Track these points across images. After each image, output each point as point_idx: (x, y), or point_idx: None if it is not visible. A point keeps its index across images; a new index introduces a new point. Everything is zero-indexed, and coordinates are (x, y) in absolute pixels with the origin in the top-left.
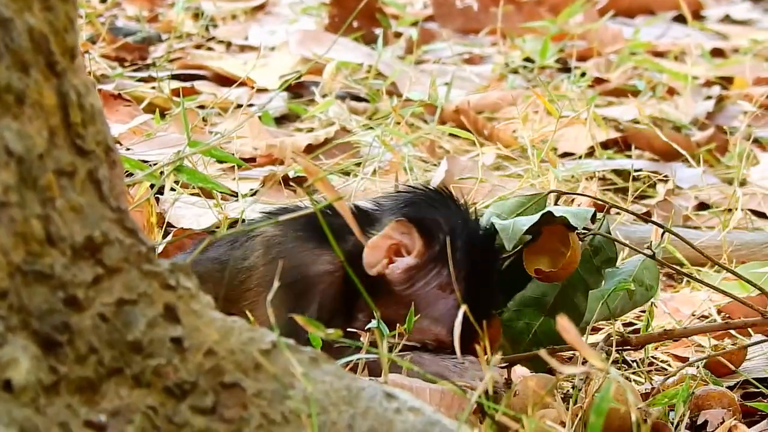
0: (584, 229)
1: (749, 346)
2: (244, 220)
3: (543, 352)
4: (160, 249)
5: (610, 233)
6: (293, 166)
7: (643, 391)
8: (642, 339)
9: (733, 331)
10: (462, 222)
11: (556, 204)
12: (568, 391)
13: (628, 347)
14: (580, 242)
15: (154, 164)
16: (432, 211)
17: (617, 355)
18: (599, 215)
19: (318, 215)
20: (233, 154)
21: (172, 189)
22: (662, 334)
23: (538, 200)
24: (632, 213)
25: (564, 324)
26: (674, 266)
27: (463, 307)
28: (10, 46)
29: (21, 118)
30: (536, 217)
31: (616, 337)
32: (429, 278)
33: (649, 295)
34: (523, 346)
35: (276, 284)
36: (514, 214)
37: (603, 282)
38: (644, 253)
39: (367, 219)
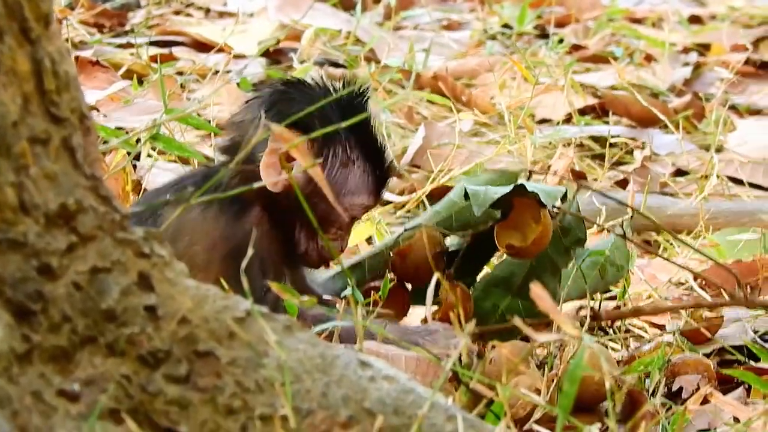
0: (554, 208)
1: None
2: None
3: (517, 320)
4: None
5: (580, 212)
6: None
7: (620, 358)
8: (612, 314)
9: (708, 297)
10: (327, 97)
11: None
12: (543, 358)
13: (598, 322)
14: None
15: (131, 131)
16: (296, 104)
17: (593, 323)
18: (570, 194)
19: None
20: (210, 121)
21: (149, 156)
22: (633, 311)
23: (509, 177)
24: (601, 193)
25: (538, 292)
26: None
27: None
28: None
29: None
30: (508, 188)
31: (587, 312)
32: (330, 163)
33: (620, 275)
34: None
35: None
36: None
37: (572, 262)
38: (615, 233)
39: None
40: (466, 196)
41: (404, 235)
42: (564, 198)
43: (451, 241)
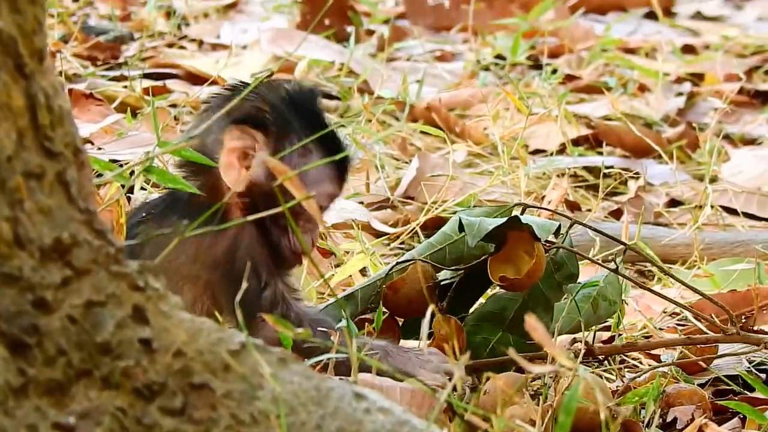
0: (547, 242)
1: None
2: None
3: (512, 351)
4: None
5: (573, 248)
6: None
7: (614, 389)
8: (606, 350)
9: (703, 328)
10: (276, 93)
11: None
12: (538, 389)
13: (592, 357)
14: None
15: (125, 164)
16: (247, 103)
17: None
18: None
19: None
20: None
21: (143, 188)
22: (626, 346)
23: (504, 211)
24: (591, 227)
25: (532, 323)
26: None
27: (430, 309)
28: None
29: None
30: (503, 219)
31: (581, 346)
32: (286, 156)
33: (612, 310)
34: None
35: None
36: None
37: (564, 297)
38: (608, 268)
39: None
40: (461, 227)
41: (397, 268)
42: (557, 232)
43: (444, 275)
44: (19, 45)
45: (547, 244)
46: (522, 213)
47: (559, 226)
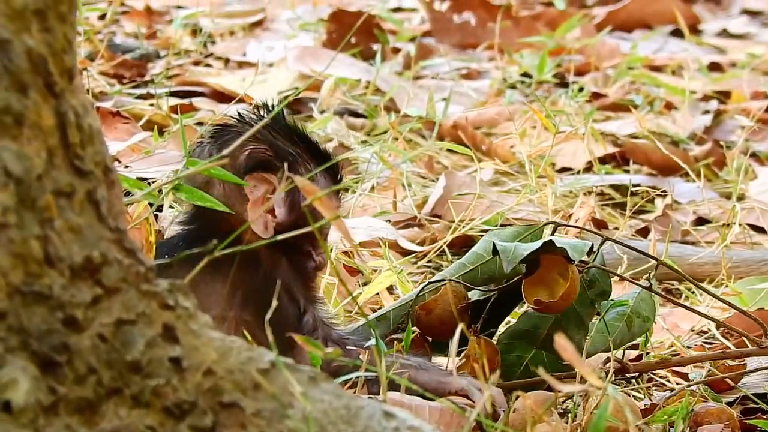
0: (580, 262)
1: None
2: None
3: (541, 370)
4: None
5: (605, 266)
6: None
7: (643, 407)
8: (640, 367)
9: (731, 346)
10: (268, 129)
11: (553, 234)
12: (567, 407)
13: (626, 374)
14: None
15: (152, 182)
16: (246, 147)
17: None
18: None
19: (317, 235)
20: None
21: (171, 207)
22: (659, 363)
23: (534, 231)
24: (621, 242)
25: (562, 343)
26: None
27: (460, 328)
28: (8, 67)
29: (19, 139)
30: (537, 244)
31: (615, 363)
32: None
33: (646, 327)
34: (515, 379)
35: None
36: (511, 242)
37: (596, 314)
38: (640, 285)
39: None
40: (495, 251)
41: (429, 288)
42: (590, 252)
43: (475, 294)
44: (49, 64)
45: (580, 264)
46: (553, 232)
47: (592, 246)
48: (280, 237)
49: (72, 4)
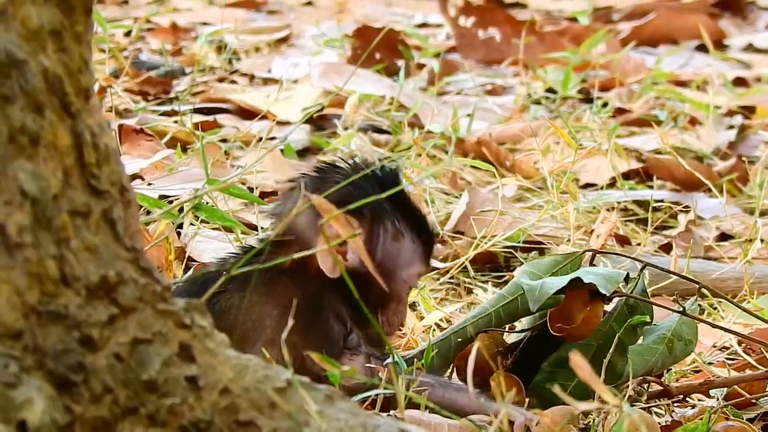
0: (614, 292)
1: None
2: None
3: (557, 389)
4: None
5: (646, 293)
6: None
7: (664, 424)
8: (682, 389)
9: (753, 362)
10: (364, 175)
11: (592, 263)
12: (588, 423)
13: (667, 397)
14: (617, 302)
15: (174, 200)
16: (332, 184)
17: (639, 388)
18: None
19: (341, 271)
20: (254, 189)
21: (192, 224)
22: (703, 384)
23: (573, 260)
24: (660, 268)
25: (577, 361)
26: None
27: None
28: (24, 88)
29: (35, 159)
30: (564, 281)
31: (656, 386)
32: (380, 240)
33: (688, 350)
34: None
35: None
36: (549, 273)
37: (639, 341)
38: (676, 311)
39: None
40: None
41: (469, 322)
42: (627, 279)
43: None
44: (65, 84)
45: (614, 294)
46: (592, 260)
47: (628, 275)
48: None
49: (88, 25)
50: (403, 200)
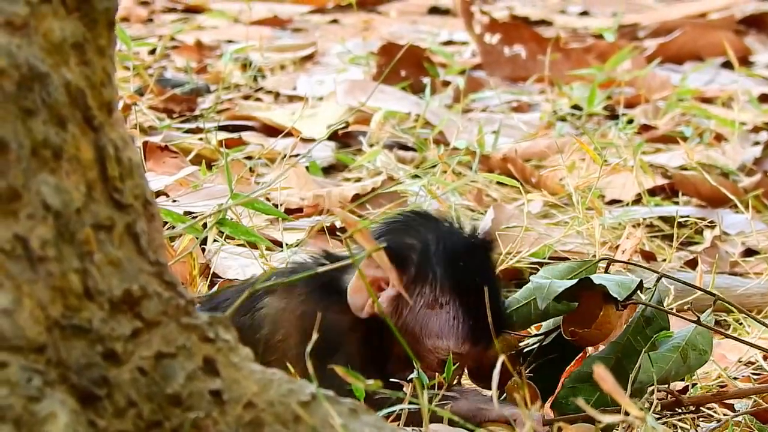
0: (627, 299)
1: None
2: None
3: (581, 401)
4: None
5: (662, 303)
6: (338, 217)
7: None
8: (694, 399)
9: None
10: (437, 237)
11: (607, 270)
12: None
13: (680, 407)
14: (631, 310)
15: (197, 216)
16: (401, 236)
17: (651, 398)
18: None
19: (360, 271)
20: (278, 206)
21: (215, 240)
22: (716, 395)
23: (589, 267)
24: (679, 281)
25: (601, 374)
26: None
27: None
28: (47, 101)
29: (58, 173)
30: (572, 281)
31: (668, 397)
32: (415, 301)
33: (703, 360)
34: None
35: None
36: (563, 278)
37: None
38: (691, 320)
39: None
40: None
41: None
42: (640, 287)
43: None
44: (87, 97)
45: (627, 302)
46: (607, 267)
47: (641, 282)
48: None
49: (111, 38)
50: (469, 275)
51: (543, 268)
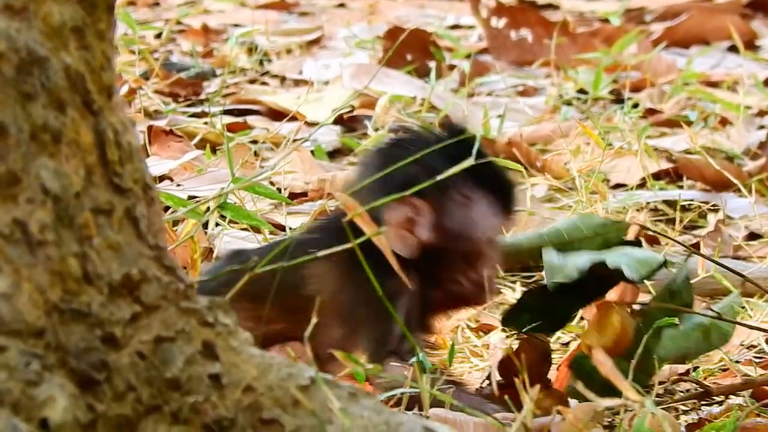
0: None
1: None
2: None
3: (580, 385)
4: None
5: (689, 280)
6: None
7: (691, 422)
8: (724, 389)
9: None
10: (428, 146)
11: (636, 239)
12: (613, 420)
13: (709, 398)
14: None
15: (198, 200)
16: (400, 168)
17: (672, 387)
18: (678, 261)
19: (358, 252)
20: (282, 189)
21: (217, 224)
22: (744, 384)
23: (620, 228)
24: (709, 258)
25: (599, 357)
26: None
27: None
28: (46, 85)
29: (58, 157)
30: (587, 264)
31: (696, 387)
32: (450, 212)
33: (725, 340)
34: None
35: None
36: (592, 234)
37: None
38: (707, 315)
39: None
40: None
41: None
42: (665, 265)
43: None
44: (87, 81)
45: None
46: (636, 236)
47: (666, 260)
48: None
49: (111, 22)
50: (476, 166)
51: (575, 216)
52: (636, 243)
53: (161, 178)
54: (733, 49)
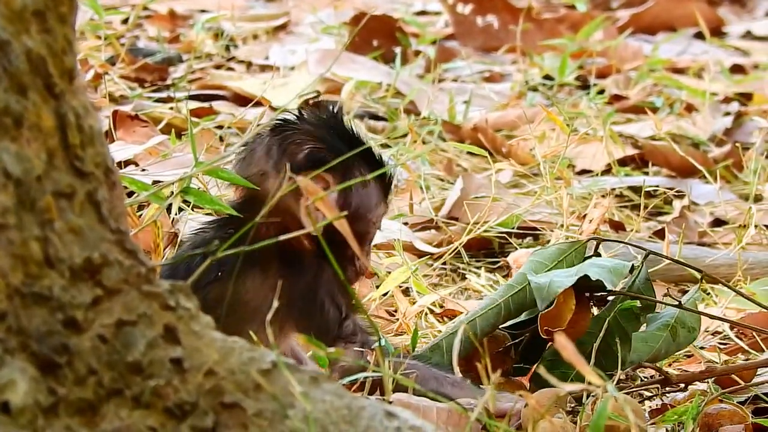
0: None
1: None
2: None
3: (542, 369)
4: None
5: (649, 281)
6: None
7: (655, 407)
8: (684, 377)
9: (746, 347)
10: (324, 127)
11: (596, 251)
12: (575, 406)
13: (670, 386)
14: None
15: (161, 184)
16: (303, 143)
17: (633, 373)
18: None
19: (320, 238)
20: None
21: (181, 209)
22: (704, 372)
23: (578, 248)
24: (666, 257)
25: (561, 342)
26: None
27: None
28: (7, 69)
29: (19, 141)
30: (572, 279)
31: (656, 375)
32: (353, 190)
33: (692, 337)
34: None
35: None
36: (555, 262)
37: (642, 328)
38: (671, 305)
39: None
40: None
41: (479, 314)
42: (632, 270)
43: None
44: (48, 65)
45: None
46: (596, 247)
47: (633, 266)
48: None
49: (72, 6)
50: (357, 143)
51: (533, 252)
52: (596, 255)
53: (126, 163)
54: (699, 35)
